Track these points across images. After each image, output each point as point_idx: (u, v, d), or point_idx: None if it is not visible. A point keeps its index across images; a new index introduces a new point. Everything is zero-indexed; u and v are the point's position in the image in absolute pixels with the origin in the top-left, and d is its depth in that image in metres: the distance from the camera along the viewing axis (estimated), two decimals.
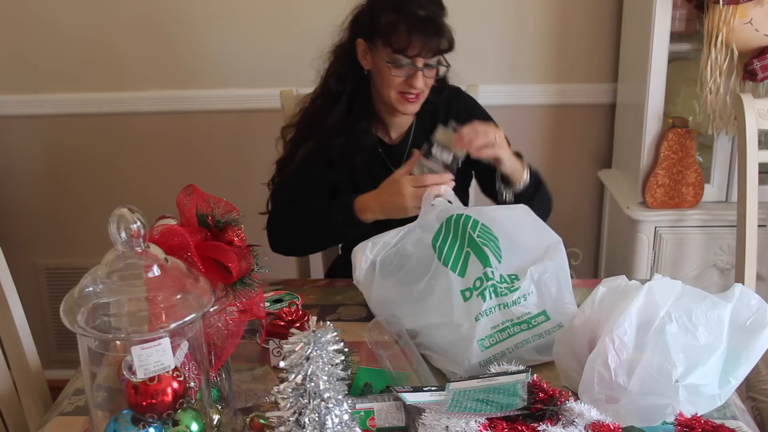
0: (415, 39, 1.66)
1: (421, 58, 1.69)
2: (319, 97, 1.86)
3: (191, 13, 2.47)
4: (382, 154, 1.89)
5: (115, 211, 1.00)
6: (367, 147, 1.85)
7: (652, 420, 1.15)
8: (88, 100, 2.56)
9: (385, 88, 1.75)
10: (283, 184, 1.86)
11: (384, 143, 1.89)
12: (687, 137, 2.19)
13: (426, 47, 1.68)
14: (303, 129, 1.86)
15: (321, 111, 1.83)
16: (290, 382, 0.95)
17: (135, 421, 1.04)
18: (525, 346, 1.40)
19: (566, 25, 2.48)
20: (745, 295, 1.23)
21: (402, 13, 1.68)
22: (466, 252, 1.45)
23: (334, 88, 1.82)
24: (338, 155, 1.83)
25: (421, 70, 1.70)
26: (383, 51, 1.71)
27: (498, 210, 1.56)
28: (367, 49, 1.76)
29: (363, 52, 1.77)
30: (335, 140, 1.81)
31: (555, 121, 2.58)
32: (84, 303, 1.01)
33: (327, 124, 1.81)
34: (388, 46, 1.69)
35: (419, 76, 1.70)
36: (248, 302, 1.18)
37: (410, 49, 1.67)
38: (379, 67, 1.74)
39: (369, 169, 1.87)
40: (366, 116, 1.83)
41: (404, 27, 1.66)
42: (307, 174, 1.83)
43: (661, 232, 2.26)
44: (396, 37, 1.67)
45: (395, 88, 1.73)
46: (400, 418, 1.19)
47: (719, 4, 2.01)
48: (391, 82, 1.72)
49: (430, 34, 1.67)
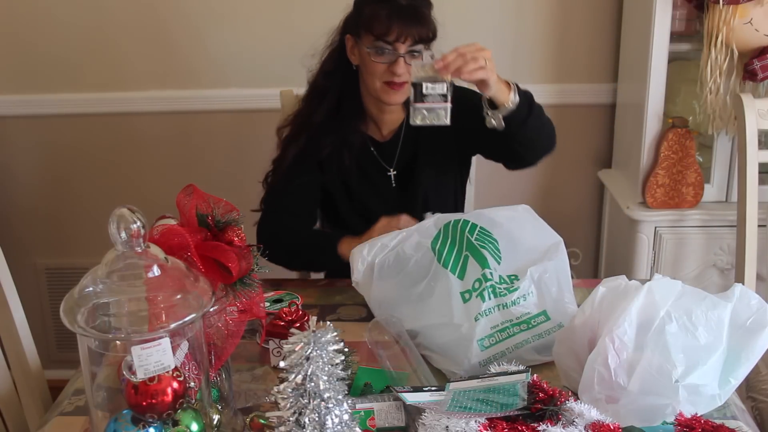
0: (395, 24, 1.70)
1: (401, 44, 1.72)
2: (309, 95, 1.90)
3: (191, 13, 2.47)
4: (374, 153, 1.89)
5: (115, 211, 1.00)
6: (357, 145, 1.86)
7: (652, 420, 1.15)
8: (88, 100, 2.56)
9: (369, 78, 1.78)
10: (275, 189, 1.88)
11: (375, 141, 1.90)
12: (687, 137, 2.19)
13: (405, 32, 1.71)
14: (295, 126, 1.89)
15: (311, 107, 1.87)
16: (290, 382, 0.95)
17: (135, 421, 1.04)
18: (525, 346, 1.40)
19: (566, 25, 2.48)
20: (745, 295, 1.23)
21: (383, 2, 1.73)
22: (465, 255, 1.46)
23: (322, 85, 1.86)
24: (327, 155, 1.85)
25: (402, 57, 1.72)
26: (367, 40, 1.75)
27: (498, 212, 1.56)
28: (354, 44, 1.80)
29: (351, 47, 1.81)
30: (325, 140, 1.84)
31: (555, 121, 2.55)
32: (84, 303, 1.01)
33: (316, 119, 1.84)
34: (370, 33, 1.73)
35: (400, 62, 1.72)
36: (248, 302, 1.18)
37: (390, 35, 1.71)
38: (364, 57, 1.77)
39: (360, 168, 1.88)
40: (355, 114, 1.86)
41: (384, 13, 1.71)
42: (298, 179, 1.85)
43: (661, 232, 2.26)
44: (377, 23, 1.72)
45: (379, 78, 1.76)
46: (400, 418, 1.19)
47: (719, 4, 2.01)
48: (375, 70, 1.75)
49: (410, 20, 1.71)
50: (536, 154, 1.78)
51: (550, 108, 2.56)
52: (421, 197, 1.89)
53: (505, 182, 2.62)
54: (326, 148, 1.84)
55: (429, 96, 1.54)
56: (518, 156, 1.79)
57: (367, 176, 1.89)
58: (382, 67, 1.74)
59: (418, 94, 1.54)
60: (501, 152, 1.83)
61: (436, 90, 1.54)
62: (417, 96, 1.54)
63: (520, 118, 1.65)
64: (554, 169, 2.58)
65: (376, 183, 1.90)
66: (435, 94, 1.54)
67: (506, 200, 1.84)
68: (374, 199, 1.90)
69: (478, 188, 2.25)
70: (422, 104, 1.54)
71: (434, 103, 1.54)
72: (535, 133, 1.67)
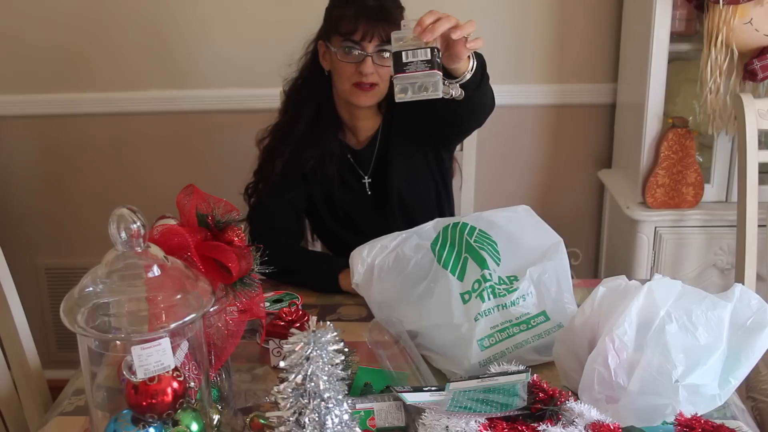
0: (361, 23, 1.70)
1: (368, 43, 1.71)
2: (287, 105, 1.90)
3: (191, 13, 2.47)
4: (351, 160, 1.89)
5: (115, 211, 1.00)
6: (335, 153, 1.85)
7: (652, 420, 1.15)
8: (88, 100, 2.56)
9: (339, 80, 1.77)
10: (263, 205, 1.85)
11: (351, 148, 1.89)
12: (687, 137, 2.19)
13: (372, 30, 1.70)
14: (277, 138, 1.87)
15: (291, 118, 1.86)
16: (290, 382, 0.95)
17: (135, 421, 1.04)
18: (525, 346, 1.40)
19: (566, 25, 2.48)
20: (745, 295, 1.23)
21: (351, 3, 1.74)
22: (464, 258, 1.45)
23: (300, 94, 1.86)
24: (311, 167, 1.84)
25: (370, 56, 1.71)
26: (335, 41, 1.75)
27: (498, 213, 1.56)
28: (326, 50, 1.79)
29: (323, 53, 1.81)
30: (307, 153, 1.82)
31: (555, 121, 2.58)
32: (84, 303, 1.01)
33: (297, 130, 1.82)
34: (337, 33, 1.73)
35: (368, 61, 1.71)
36: (248, 302, 1.18)
37: (356, 33, 1.70)
38: (333, 60, 1.77)
39: (340, 177, 1.87)
40: (331, 122, 1.85)
41: (351, 12, 1.72)
42: (283, 196, 1.83)
43: (661, 232, 2.26)
44: (344, 23, 1.72)
45: (348, 79, 1.75)
46: (400, 418, 1.19)
47: (719, 4, 2.01)
48: (343, 72, 1.74)
49: (377, 19, 1.70)
50: (484, 115, 1.69)
51: (551, 108, 2.59)
52: (396, 202, 1.87)
53: (505, 183, 2.62)
54: (310, 161, 1.83)
55: (411, 65, 1.30)
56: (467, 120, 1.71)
57: (348, 185, 1.89)
58: (350, 68, 1.73)
59: (398, 64, 1.30)
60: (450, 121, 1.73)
61: (418, 57, 1.30)
62: (397, 67, 1.30)
63: (476, 82, 1.49)
64: (554, 169, 2.58)
65: (354, 190, 1.89)
66: (418, 62, 1.30)
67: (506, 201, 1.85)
68: (354, 208, 1.90)
69: (478, 189, 2.25)
70: (403, 74, 1.30)
71: (418, 72, 1.30)
72: (486, 95, 1.56)
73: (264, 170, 1.86)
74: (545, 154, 2.60)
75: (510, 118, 2.48)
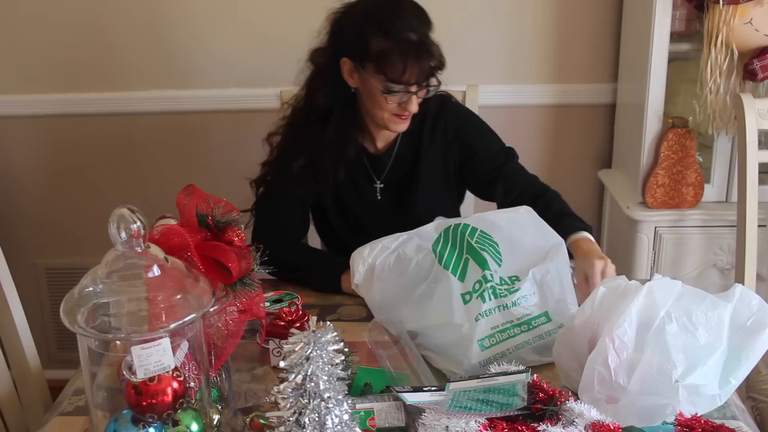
0: (411, 68, 1.64)
1: (415, 83, 1.67)
2: (304, 110, 1.83)
3: (191, 14, 2.47)
4: (366, 164, 1.88)
5: (115, 211, 1.00)
6: (352, 157, 1.83)
7: (652, 420, 1.15)
8: (88, 100, 2.56)
9: (377, 110, 1.73)
10: (271, 199, 1.84)
11: (369, 152, 1.88)
12: (687, 137, 2.19)
13: (421, 74, 1.66)
14: (292, 142, 1.83)
15: (309, 126, 1.80)
16: (290, 382, 0.95)
17: (135, 421, 1.04)
18: (525, 347, 1.40)
19: (566, 25, 2.48)
20: (745, 296, 1.23)
21: (393, 39, 1.64)
22: (465, 258, 1.46)
23: (321, 105, 1.78)
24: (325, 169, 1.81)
25: (415, 94, 1.69)
26: (376, 78, 1.67)
27: (500, 214, 1.56)
28: (353, 69, 1.72)
29: (349, 70, 1.72)
30: (323, 154, 1.79)
31: (555, 121, 2.58)
32: (84, 303, 1.01)
33: (319, 142, 1.78)
34: (381, 74, 1.66)
35: (413, 100, 1.69)
36: (248, 302, 1.18)
37: (405, 78, 1.65)
38: (371, 91, 1.70)
39: (352, 178, 1.86)
40: (354, 130, 1.81)
41: (398, 56, 1.63)
42: (293, 191, 1.82)
43: (661, 232, 2.26)
44: (390, 66, 1.64)
45: (388, 111, 1.71)
46: (400, 418, 1.19)
47: (719, 4, 2.01)
48: (384, 104, 1.70)
49: (424, 59, 1.65)
50: None
51: (550, 108, 2.59)
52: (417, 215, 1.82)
53: None
54: (326, 162, 1.80)
55: None
56: None
57: (357, 187, 1.88)
58: (393, 104, 1.69)
59: None
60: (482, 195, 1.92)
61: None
62: None
63: None
64: (554, 169, 2.58)
65: (364, 194, 1.89)
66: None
67: None
68: (362, 210, 1.89)
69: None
70: None
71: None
72: None
73: (275, 165, 1.84)
74: (545, 154, 2.60)
75: (510, 118, 2.47)
